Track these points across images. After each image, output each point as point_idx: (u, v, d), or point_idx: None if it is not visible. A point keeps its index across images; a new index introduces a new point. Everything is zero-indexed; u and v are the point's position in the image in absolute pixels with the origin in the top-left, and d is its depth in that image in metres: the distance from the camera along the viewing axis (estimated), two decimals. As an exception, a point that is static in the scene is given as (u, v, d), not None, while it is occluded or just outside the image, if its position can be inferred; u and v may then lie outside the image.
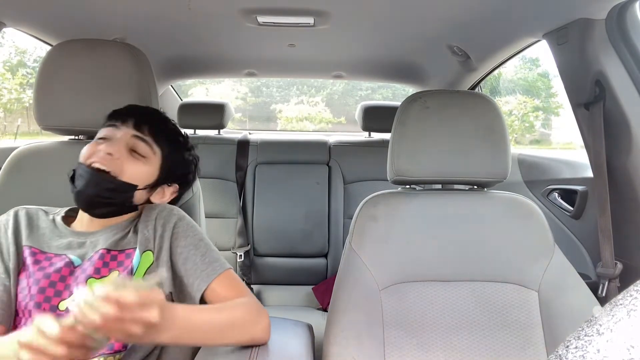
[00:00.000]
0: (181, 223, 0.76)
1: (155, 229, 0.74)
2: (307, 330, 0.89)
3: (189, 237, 0.75)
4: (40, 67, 0.91)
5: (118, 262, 0.72)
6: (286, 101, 5.99)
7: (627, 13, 0.98)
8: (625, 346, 0.21)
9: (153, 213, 0.76)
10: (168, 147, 0.79)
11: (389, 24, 1.35)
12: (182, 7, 1.20)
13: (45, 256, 0.72)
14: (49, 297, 0.68)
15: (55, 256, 0.72)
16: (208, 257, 0.74)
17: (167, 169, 0.78)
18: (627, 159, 1.01)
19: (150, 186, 0.77)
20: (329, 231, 1.86)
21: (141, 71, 0.91)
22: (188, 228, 0.76)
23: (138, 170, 0.74)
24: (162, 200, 0.80)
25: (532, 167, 1.54)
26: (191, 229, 0.76)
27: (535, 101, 3.87)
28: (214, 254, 0.75)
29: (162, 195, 0.80)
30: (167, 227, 0.74)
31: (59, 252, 0.73)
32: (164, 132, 0.80)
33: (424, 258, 0.87)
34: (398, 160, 0.90)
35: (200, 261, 0.73)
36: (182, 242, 0.74)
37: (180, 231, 0.75)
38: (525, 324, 0.83)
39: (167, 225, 0.75)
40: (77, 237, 0.75)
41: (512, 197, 0.93)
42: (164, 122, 0.82)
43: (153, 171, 0.77)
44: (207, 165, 1.85)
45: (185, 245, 0.74)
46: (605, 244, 1.03)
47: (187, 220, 0.78)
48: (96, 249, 0.73)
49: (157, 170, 0.77)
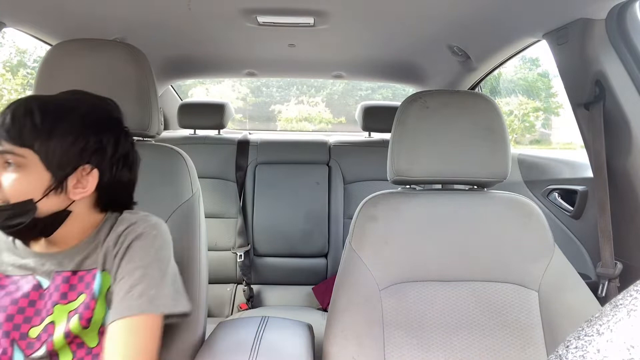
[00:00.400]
0: (136, 243, 0.68)
1: (116, 245, 0.68)
2: (307, 330, 0.89)
3: (133, 262, 0.67)
4: (40, 67, 0.91)
5: (85, 283, 0.67)
6: (286, 101, 5.99)
7: (627, 13, 0.98)
8: (625, 346, 0.21)
9: (122, 227, 0.70)
10: (38, 140, 0.62)
11: (388, 24, 1.35)
12: (182, 7, 1.20)
13: (11, 280, 0.67)
14: (17, 325, 0.64)
15: (22, 278, 0.67)
16: (135, 291, 0.64)
17: (54, 161, 0.63)
18: (627, 159, 1.01)
19: (50, 189, 0.63)
20: (329, 231, 1.86)
21: (141, 71, 0.91)
22: (139, 250, 0.68)
23: (20, 184, 0.62)
24: (85, 191, 0.66)
25: (532, 167, 1.54)
26: (142, 251, 0.68)
27: (536, 102, 3.87)
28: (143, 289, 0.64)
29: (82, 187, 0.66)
30: (124, 244, 0.68)
31: (25, 274, 0.67)
32: (24, 126, 0.62)
33: (424, 258, 0.87)
34: (398, 160, 0.90)
35: (123, 291, 0.64)
36: (124, 265, 0.67)
37: (130, 252, 0.67)
38: (525, 324, 0.83)
39: (124, 243, 0.68)
40: (40, 258, 0.68)
41: (512, 197, 0.93)
42: (19, 117, 0.62)
43: (39, 174, 0.63)
44: (207, 165, 1.85)
45: (125, 268, 0.66)
46: (605, 244, 1.03)
47: (147, 241, 0.69)
48: (61, 269, 0.67)
49: (42, 170, 0.63)
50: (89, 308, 0.66)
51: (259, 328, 0.86)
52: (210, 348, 0.79)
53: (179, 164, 0.93)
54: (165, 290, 0.66)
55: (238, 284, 1.87)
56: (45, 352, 0.64)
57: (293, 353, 0.77)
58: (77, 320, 0.64)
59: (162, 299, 0.65)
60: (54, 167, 0.64)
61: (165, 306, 0.65)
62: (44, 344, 0.64)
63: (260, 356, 0.74)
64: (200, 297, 0.86)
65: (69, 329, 0.64)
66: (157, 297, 0.65)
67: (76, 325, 0.64)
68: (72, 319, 0.65)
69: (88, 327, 0.66)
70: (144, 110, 0.90)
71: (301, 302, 1.82)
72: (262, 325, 0.87)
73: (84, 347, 0.66)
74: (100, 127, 0.68)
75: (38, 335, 0.64)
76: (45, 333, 0.65)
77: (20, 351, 0.64)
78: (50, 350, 0.64)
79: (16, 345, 0.64)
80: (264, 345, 0.78)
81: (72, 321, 0.65)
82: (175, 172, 0.92)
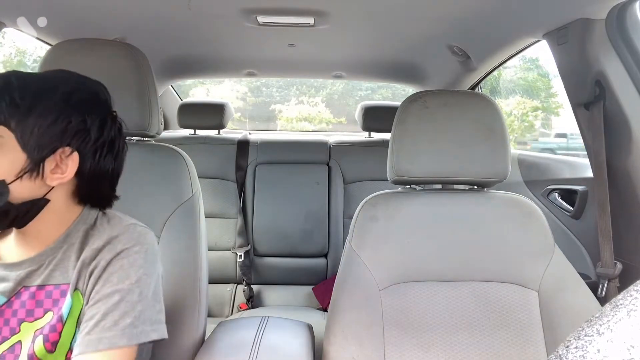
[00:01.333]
0: (115, 262, 0.61)
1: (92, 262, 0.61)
2: (307, 330, 0.89)
3: (110, 283, 0.60)
4: (40, 67, 0.91)
5: (53, 300, 0.61)
6: (286, 101, 5.99)
7: (627, 13, 0.98)
8: (626, 346, 0.21)
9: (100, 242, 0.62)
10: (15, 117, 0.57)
11: (388, 24, 1.35)
12: (182, 7, 1.20)
13: None
14: None
15: None
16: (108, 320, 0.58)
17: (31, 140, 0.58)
18: (627, 159, 1.01)
19: (25, 171, 0.57)
20: (329, 231, 1.86)
21: (141, 71, 0.91)
22: (119, 270, 0.60)
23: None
24: (64, 176, 0.60)
25: (532, 167, 1.54)
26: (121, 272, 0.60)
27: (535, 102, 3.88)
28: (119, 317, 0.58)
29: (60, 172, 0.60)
30: (100, 263, 0.61)
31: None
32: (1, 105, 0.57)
33: (424, 258, 0.87)
34: (398, 160, 0.90)
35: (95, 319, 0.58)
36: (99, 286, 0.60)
37: (108, 272, 0.60)
38: (525, 323, 0.83)
39: (101, 262, 0.61)
40: (4, 269, 0.62)
41: (512, 197, 0.93)
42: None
43: (13, 154, 0.57)
44: (207, 165, 1.85)
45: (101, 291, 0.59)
46: (605, 244, 1.03)
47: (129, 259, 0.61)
48: (28, 283, 0.61)
49: (17, 150, 0.57)
50: (55, 330, 0.60)
51: (259, 328, 0.86)
52: (210, 348, 0.79)
53: (179, 164, 0.93)
54: (142, 316, 0.60)
55: (238, 284, 1.87)
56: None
57: (293, 353, 0.77)
58: (41, 343, 0.59)
59: (139, 326, 0.59)
60: (30, 148, 0.58)
61: (140, 335, 0.59)
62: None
63: (260, 356, 0.74)
64: (200, 297, 0.86)
65: (33, 351, 0.59)
66: (133, 325, 0.58)
67: (41, 349, 0.59)
68: (37, 340, 0.59)
69: (54, 351, 0.60)
70: (143, 110, 0.90)
71: (301, 302, 1.82)
72: (262, 325, 0.87)
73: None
74: (85, 107, 0.62)
75: (2, 355, 0.59)
76: (11, 353, 0.59)
77: None
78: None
79: None
80: (264, 345, 0.78)
81: (37, 343, 0.59)
82: (175, 172, 0.92)
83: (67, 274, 0.62)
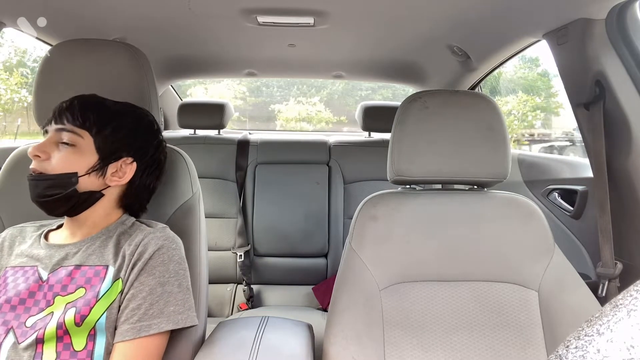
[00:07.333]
0: (158, 254, 0.72)
1: (135, 255, 0.72)
2: (307, 330, 0.89)
3: (154, 276, 0.70)
4: (40, 66, 0.91)
5: (86, 278, 0.70)
6: (286, 101, 5.99)
7: (627, 13, 0.98)
8: (626, 346, 0.21)
9: (141, 234, 0.74)
10: (97, 126, 0.74)
11: (388, 24, 1.35)
12: (182, 7, 1.20)
13: (22, 270, 0.72)
14: (18, 315, 0.68)
15: (29, 269, 0.72)
16: (153, 310, 0.68)
17: (105, 146, 0.74)
18: (627, 159, 1.01)
19: (94, 169, 0.73)
20: (329, 231, 1.86)
21: (141, 71, 0.91)
22: (161, 263, 0.72)
23: (69, 158, 0.71)
24: (121, 180, 0.75)
25: (532, 167, 1.54)
26: (163, 266, 0.71)
27: (537, 99, 3.88)
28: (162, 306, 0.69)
29: (120, 175, 0.75)
30: (144, 255, 0.71)
31: (31, 265, 0.73)
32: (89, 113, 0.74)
33: (424, 258, 0.87)
34: (398, 160, 0.90)
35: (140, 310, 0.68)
36: (143, 278, 0.70)
37: (152, 264, 0.71)
38: (525, 323, 0.83)
39: (145, 254, 0.71)
40: (49, 249, 0.74)
41: (512, 197, 0.93)
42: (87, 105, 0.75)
43: (89, 154, 0.73)
44: (207, 165, 1.85)
45: (145, 282, 0.70)
46: (605, 244, 1.03)
47: (169, 253, 0.73)
48: (67, 263, 0.72)
49: (93, 151, 0.73)
50: (88, 305, 0.67)
51: (259, 328, 0.86)
52: (210, 348, 0.79)
53: (179, 164, 0.93)
54: (180, 307, 0.71)
55: (238, 284, 1.87)
56: (33, 340, 0.65)
57: (293, 353, 0.77)
58: (72, 315, 0.66)
59: (177, 315, 0.70)
60: (102, 152, 0.73)
61: (178, 322, 0.70)
62: (36, 332, 0.66)
63: (260, 356, 0.74)
64: (201, 297, 0.86)
65: (63, 320, 0.66)
66: (174, 312, 0.70)
67: (70, 320, 0.66)
68: (69, 312, 0.67)
69: (80, 325, 0.67)
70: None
71: (301, 302, 1.82)
72: (262, 325, 0.87)
73: (69, 350, 0.67)
74: (148, 130, 0.80)
75: (34, 324, 0.67)
76: (41, 322, 0.67)
77: (14, 339, 0.66)
78: (38, 338, 0.65)
79: (12, 333, 0.67)
80: (264, 345, 0.78)
81: (68, 314, 0.66)
82: (175, 172, 0.92)
83: (102, 258, 0.72)
